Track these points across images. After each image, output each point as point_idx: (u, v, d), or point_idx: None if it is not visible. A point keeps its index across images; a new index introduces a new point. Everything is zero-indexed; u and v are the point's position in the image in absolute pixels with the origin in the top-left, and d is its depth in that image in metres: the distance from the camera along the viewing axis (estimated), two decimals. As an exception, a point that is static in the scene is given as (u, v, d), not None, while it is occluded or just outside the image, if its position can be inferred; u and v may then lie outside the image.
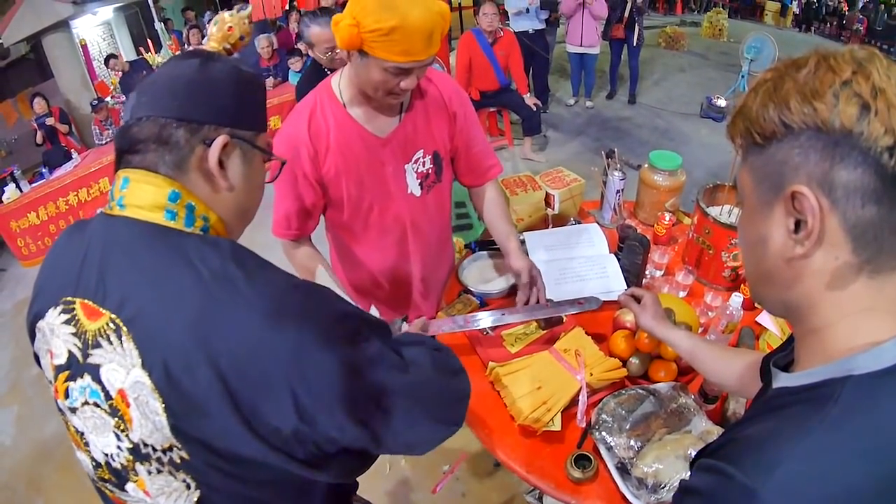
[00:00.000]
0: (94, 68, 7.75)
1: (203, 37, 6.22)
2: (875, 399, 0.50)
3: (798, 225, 0.53)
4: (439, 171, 1.52)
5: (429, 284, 1.73)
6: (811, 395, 0.54)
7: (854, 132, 0.49)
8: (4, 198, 4.88)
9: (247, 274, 0.66)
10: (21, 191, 4.92)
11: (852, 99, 0.49)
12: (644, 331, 1.27)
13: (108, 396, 0.67)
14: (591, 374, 1.31)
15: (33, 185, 5.04)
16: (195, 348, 0.62)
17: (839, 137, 0.49)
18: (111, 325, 0.65)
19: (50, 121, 5.57)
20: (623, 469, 1.15)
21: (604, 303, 1.49)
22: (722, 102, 6.06)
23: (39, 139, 5.63)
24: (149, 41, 8.20)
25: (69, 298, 0.70)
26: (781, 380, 0.60)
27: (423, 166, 1.47)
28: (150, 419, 0.65)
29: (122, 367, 0.65)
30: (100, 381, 0.67)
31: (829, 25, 12.88)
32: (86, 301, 0.68)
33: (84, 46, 7.57)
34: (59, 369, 0.71)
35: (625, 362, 1.38)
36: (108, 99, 6.64)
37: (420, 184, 1.49)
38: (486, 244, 1.84)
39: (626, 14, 5.90)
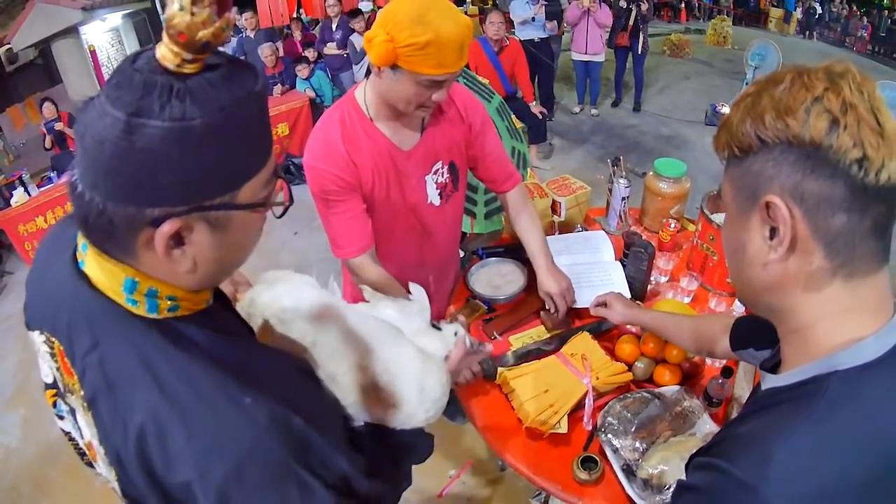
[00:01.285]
0: (102, 74, 7.82)
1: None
2: (859, 392, 0.53)
3: (773, 232, 0.56)
4: (456, 181, 1.55)
5: (439, 288, 1.76)
6: (799, 391, 0.57)
7: (823, 145, 0.51)
8: (13, 201, 4.91)
9: (197, 400, 0.59)
10: (29, 195, 4.96)
11: (823, 114, 0.52)
12: (621, 323, 1.41)
13: (81, 436, 0.68)
14: (598, 378, 1.33)
15: (41, 189, 5.07)
16: (136, 456, 0.60)
17: (810, 151, 0.52)
18: (79, 390, 0.64)
19: (59, 125, 5.61)
20: (629, 471, 1.16)
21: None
22: (727, 109, 6.07)
23: (48, 144, 5.67)
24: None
25: (50, 336, 0.66)
26: (770, 381, 0.63)
27: (442, 177, 1.50)
28: (109, 474, 0.66)
29: (89, 429, 0.65)
30: (76, 422, 0.68)
31: (832, 32, 12.90)
32: (62, 351, 0.64)
33: (93, 52, 7.65)
34: (46, 385, 0.71)
35: (630, 366, 1.40)
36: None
37: (440, 194, 1.52)
38: (494, 250, 1.85)
39: (631, 22, 5.94)
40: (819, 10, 12.98)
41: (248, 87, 0.56)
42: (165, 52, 0.52)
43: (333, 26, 5.86)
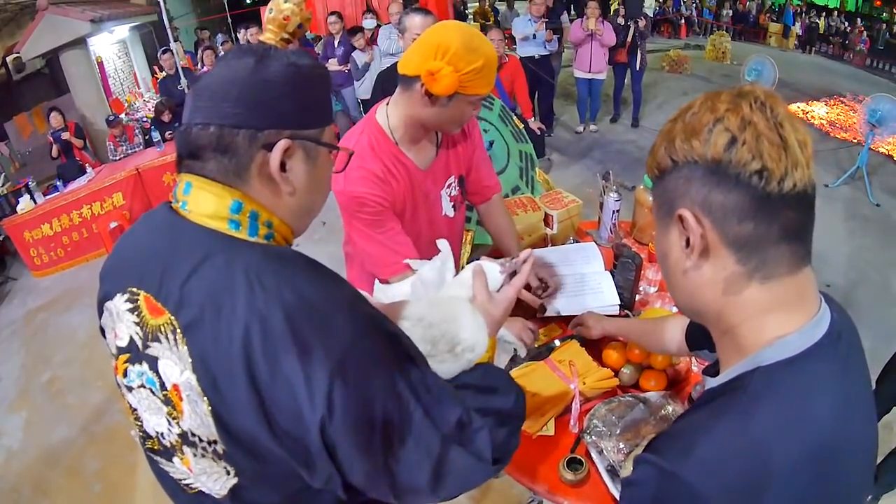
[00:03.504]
0: (109, 85, 7.91)
1: (216, 57, 6.34)
2: (780, 386, 0.57)
3: (688, 242, 0.61)
4: (464, 192, 1.65)
5: None
6: (726, 389, 0.61)
7: (723, 160, 0.57)
8: (19, 208, 5.00)
9: (300, 301, 0.65)
10: (35, 202, 5.04)
11: (723, 133, 0.57)
12: (600, 336, 1.49)
13: (163, 387, 0.70)
14: (584, 383, 1.38)
15: (47, 197, 5.15)
16: (240, 365, 0.63)
17: (713, 166, 0.57)
18: (170, 324, 0.67)
19: (65, 135, 5.68)
20: (613, 471, 1.21)
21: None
22: (723, 126, 6.14)
23: (55, 153, 5.73)
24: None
25: (135, 289, 0.72)
26: (708, 383, 0.68)
27: (455, 189, 1.60)
28: (198, 415, 0.68)
29: (177, 365, 0.67)
30: (157, 372, 0.70)
31: (832, 46, 13.00)
32: (149, 296, 0.70)
33: (100, 63, 7.74)
34: (120, 350, 0.74)
35: (617, 372, 1.45)
36: (123, 116, 6.79)
37: (453, 206, 1.61)
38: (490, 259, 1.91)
39: (629, 39, 6.04)
40: (818, 25, 13.10)
41: (318, 61, 0.78)
42: (269, 35, 0.77)
43: (335, 43, 5.96)
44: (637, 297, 1.75)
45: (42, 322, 4.26)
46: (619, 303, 1.67)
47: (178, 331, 0.67)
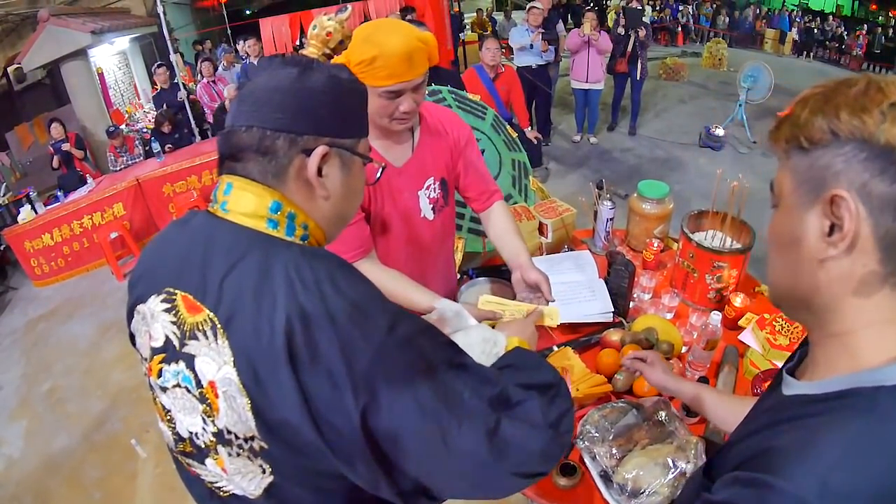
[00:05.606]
0: (109, 96, 7.96)
1: (215, 69, 6.37)
2: None
3: (832, 228, 0.55)
4: (446, 196, 1.66)
5: None
6: (843, 403, 0.54)
7: None
8: (20, 218, 5.03)
9: (338, 294, 0.67)
10: (36, 212, 5.07)
11: None
12: (658, 387, 1.32)
13: (199, 385, 0.71)
14: (578, 389, 1.40)
15: (48, 207, 5.18)
16: (283, 356, 0.64)
17: (881, 152, 0.52)
18: (208, 321, 0.69)
19: (66, 146, 5.71)
20: (606, 477, 1.23)
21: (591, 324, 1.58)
22: (720, 132, 6.18)
23: (55, 163, 5.77)
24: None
25: (171, 289, 0.74)
26: (798, 387, 0.61)
27: (434, 192, 1.61)
28: (236, 411, 0.68)
29: (215, 361, 0.68)
30: (193, 370, 0.71)
31: (828, 51, 13.04)
32: (187, 295, 0.72)
33: (101, 75, 7.80)
34: (155, 351, 0.76)
35: (610, 378, 1.47)
36: (123, 126, 6.83)
37: (432, 208, 1.63)
38: (485, 270, 1.93)
39: (629, 49, 6.07)
40: (816, 29, 13.14)
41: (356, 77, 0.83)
42: (311, 50, 0.81)
43: (335, 52, 6.02)
44: (631, 305, 1.77)
45: (43, 331, 4.28)
46: (613, 310, 1.69)
47: (219, 326, 0.68)
